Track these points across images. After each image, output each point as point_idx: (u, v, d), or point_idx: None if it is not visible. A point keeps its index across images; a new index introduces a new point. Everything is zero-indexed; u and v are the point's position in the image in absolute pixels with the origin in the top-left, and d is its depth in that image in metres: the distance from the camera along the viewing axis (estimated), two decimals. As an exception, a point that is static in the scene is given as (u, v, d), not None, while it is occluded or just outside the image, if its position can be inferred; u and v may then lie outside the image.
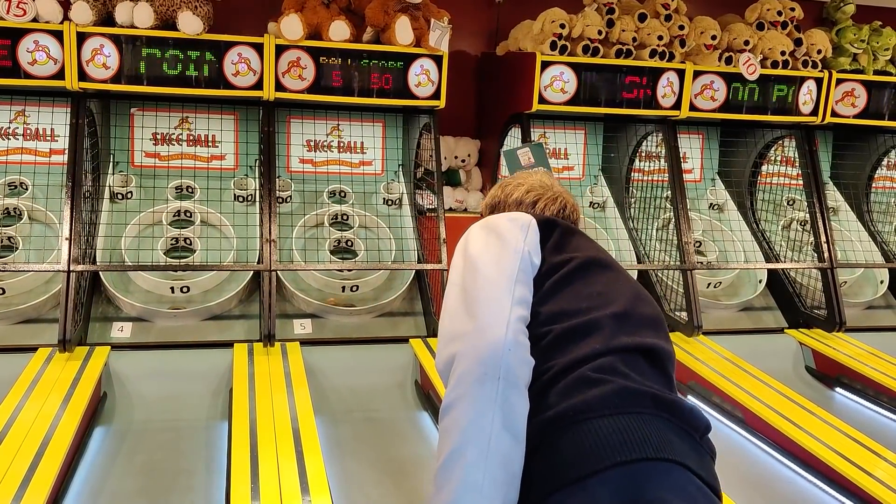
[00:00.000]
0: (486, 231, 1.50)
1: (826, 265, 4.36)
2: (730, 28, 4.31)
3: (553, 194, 1.73)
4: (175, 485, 2.67)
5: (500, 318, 1.30)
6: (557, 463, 1.21)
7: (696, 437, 1.30)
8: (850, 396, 3.75)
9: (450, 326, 1.36)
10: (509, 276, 1.37)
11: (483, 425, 1.19)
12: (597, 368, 1.28)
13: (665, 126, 4.35)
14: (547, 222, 1.53)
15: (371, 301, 3.90)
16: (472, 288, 1.37)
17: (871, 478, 2.69)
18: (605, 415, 1.22)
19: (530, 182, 1.75)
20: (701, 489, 1.21)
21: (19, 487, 2.26)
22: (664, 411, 1.26)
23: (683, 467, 1.21)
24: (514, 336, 1.28)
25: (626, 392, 1.25)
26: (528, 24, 4.21)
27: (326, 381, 3.46)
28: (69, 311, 3.28)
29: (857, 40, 4.55)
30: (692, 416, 1.30)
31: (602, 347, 1.31)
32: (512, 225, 1.49)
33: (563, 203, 1.73)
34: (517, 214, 1.54)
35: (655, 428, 1.23)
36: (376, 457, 2.95)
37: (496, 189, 1.81)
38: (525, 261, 1.42)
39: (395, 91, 3.82)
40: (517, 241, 1.45)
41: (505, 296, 1.34)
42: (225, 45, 3.58)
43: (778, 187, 4.84)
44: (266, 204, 3.71)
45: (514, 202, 1.73)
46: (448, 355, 1.31)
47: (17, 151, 3.89)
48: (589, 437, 1.20)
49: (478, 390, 1.22)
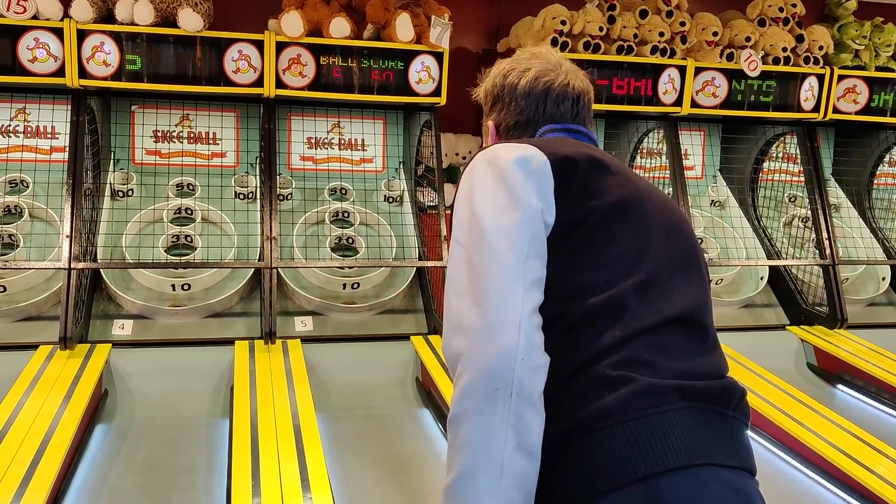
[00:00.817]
0: (493, 174, 1.29)
1: (827, 262, 4.35)
2: (731, 24, 4.30)
3: (564, 78, 1.53)
4: (176, 482, 2.67)
5: (512, 315, 1.15)
6: (575, 477, 1.13)
7: (728, 413, 1.21)
8: (852, 393, 3.75)
9: (455, 310, 1.20)
10: (521, 252, 1.20)
11: (494, 449, 1.09)
12: (616, 364, 1.17)
13: (666, 123, 4.34)
14: (565, 163, 1.30)
15: (372, 298, 3.90)
16: (480, 264, 1.20)
17: (872, 474, 2.68)
18: (625, 420, 1.13)
19: (537, 66, 1.53)
20: (730, 485, 1.14)
21: (20, 485, 2.26)
22: (691, 401, 1.17)
23: (711, 466, 1.14)
24: (526, 340, 1.14)
25: (648, 391, 1.15)
26: (528, 21, 4.20)
27: (327, 379, 3.46)
28: (70, 308, 3.28)
29: (859, 36, 4.54)
30: (724, 394, 1.21)
31: (623, 334, 1.19)
32: (523, 173, 1.27)
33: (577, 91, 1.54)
34: (528, 154, 1.30)
35: (680, 428, 1.14)
36: (377, 454, 2.95)
37: (496, 75, 1.59)
38: (537, 225, 1.23)
39: (396, 88, 3.82)
40: (529, 198, 1.24)
41: (517, 282, 1.17)
42: (225, 43, 3.58)
43: (779, 184, 4.83)
44: (267, 201, 3.71)
45: (523, 92, 1.52)
46: (454, 348, 1.18)
47: (18, 149, 3.89)
48: (606, 449, 1.12)
49: (487, 408, 1.11)
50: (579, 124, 1.54)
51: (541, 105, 1.52)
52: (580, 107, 1.55)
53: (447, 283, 1.27)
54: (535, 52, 1.59)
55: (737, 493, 1.15)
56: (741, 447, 1.22)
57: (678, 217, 1.39)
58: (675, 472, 1.11)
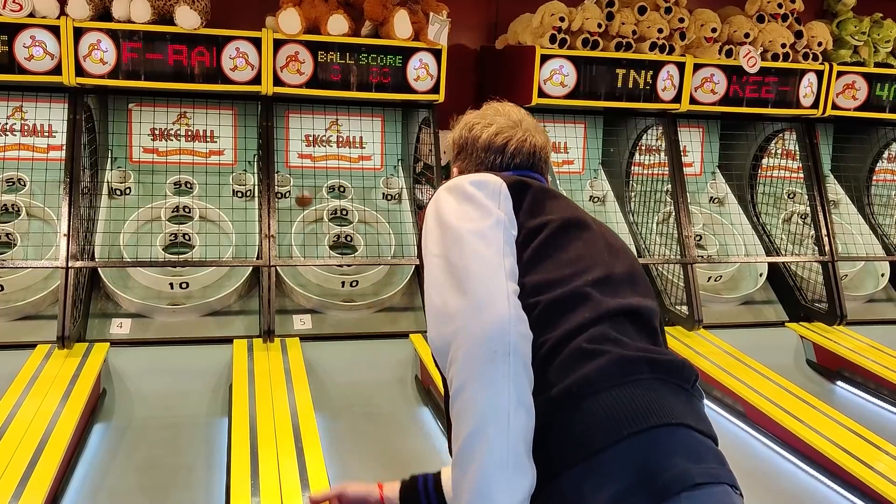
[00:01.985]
0: (458, 197, 1.43)
1: (827, 258, 4.35)
2: (730, 20, 4.29)
3: (522, 135, 1.64)
4: (175, 481, 2.66)
5: (500, 292, 1.26)
6: (567, 441, 1.22)
7: (688, 388, 1.33)
8: (851, 390, 3.75)
9: (440, 304, 1.31)
10: (497, 249, 1.34)
11: (500, 403, 1.19)
12: (590, 339, 1.28)
13: (665, 119, 4.33)
14: (517, 186, 1.46)
15: (371, 296, 3.89)
16: (459, 261, 1.31)
17: (872, 471, 2.68)
18: (607, 388, 1.24)
19: (499, 122, 1.65)
20: (703, 443, 1.26)
21: (19, 484, 2.26)
22: (660, 373, 1.29)
23: (685, 427, 1.25)
24: (515, 310, 1.26)
25: (622, 361, 1.27)
26: (527, 18, 4.19)
27: (326, 377, 3.45)
28: (68, 307, 3.27)
29: (858, 32, 4.54)
30: (683, 369, 1.33)
31: (592, 315, 1.31)
32: (484, 192, 1.42)
33: (533, 146, 1.65)
34: (484, 179, 1.46)
35: (655, 393, 1.26)
36: (376, 452, 2.94)
37: (462, 127, 1.71)
38: (507, 231, 1.38)
39: (394, 85, 3.81)
40: (494, 209, 1.40)
41: (497, 270, 1.30)
42: (223, 40, 3.57)
43: (778, 180, 4.83)
44: (265, 199, 3.70)
45: (483, 146, 1.64)
46: (444, 336, 1.27)
47: (15, 147, 3.88)
48: (595, 413, 1.22)
49: (489, 368, 1.20)
50: (535, 172, 1.67)
51: (498, 156, 1.64)
52: (536, 158, 1.66)
53: (427, 290, 1.37)
54: (499, 108, 1.70)
55: (711, 451, 1.27)
56: (704, 418, 1.33)
57: (620, 242, 1.54)
58: (657, 428, 1.22)
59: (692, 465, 1.20)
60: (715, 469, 1.23)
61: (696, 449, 1.24)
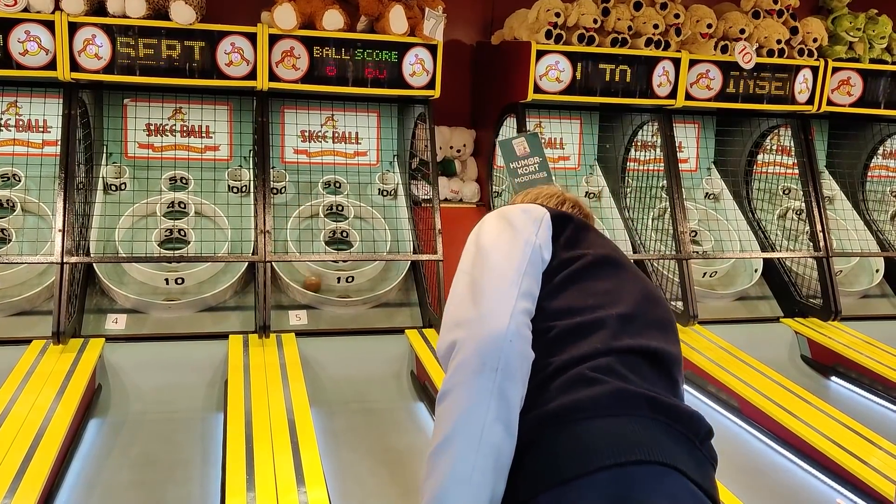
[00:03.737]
0: (499, 220, 1.49)
1: (821, 254, 4.36)
2: (725, 16, 4.29)
3: (562, 197, 1.73)
4: (170, 476, 2.67)
5: (505, 308, 1.29)
6: (548, 462, 1.19)
7: (695, 442, 1.24)
8: (846, 385, 3.76)
9: (454, 313, 1.34)
10: (517, 268, 1.36)
11: (477, 416, 1.19)
12: (595, 368, 1.26)
13: (661, 115, 4.33)
14: (561, 217, 1.51)
15: (367, 292, 3.90)
16: (479, 276, 1.36)
17: (866, 466, 2.70)
18: (598, 416, 1.20)
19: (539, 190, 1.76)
20: (694, 495, 1.16)
21: (13, 480, 2.26)
22: (661, 415, 1.23)
23: (677, 471, 1.16)
24: (516, 328, 1.27)
25: (620, 394, 1.23)
26: (523, 13, 4.19)
27: (322, 372, 3.45)
28: (63, 303, 3.26)
29: (853, 28, 4.54)
30: (691, 420, 1.26)
31: (603, 347, 1.29)
32: (525, 217, 1.47)
33: (575, 200, 1.74)
34: (531, 207, 1.52)
35: (649, 432, 1.19)
36: (372, 447, 2.95)
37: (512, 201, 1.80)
38: (535, 254, 1.40)
39: (390, 81, 3.80)
40: (529, 233, 1.43)
41: (511, 287, 1.33)
42: (218, 35, 3.56)
43: (774, 176, 4.84)
44: (260, 195, 3.69)
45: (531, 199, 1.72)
46: (449, 342, 1.29)
47: (10, 143, 3.87)
48: (580, 439, 1.18)
49: (475, 380, 1.21)
50: None
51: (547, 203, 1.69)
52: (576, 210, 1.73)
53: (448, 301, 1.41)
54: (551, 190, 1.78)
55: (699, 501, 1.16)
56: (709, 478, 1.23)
57: (657, 291, 1.52)
58: (640, 464, 1.14)
59: None
60: None
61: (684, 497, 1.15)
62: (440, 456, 1.18)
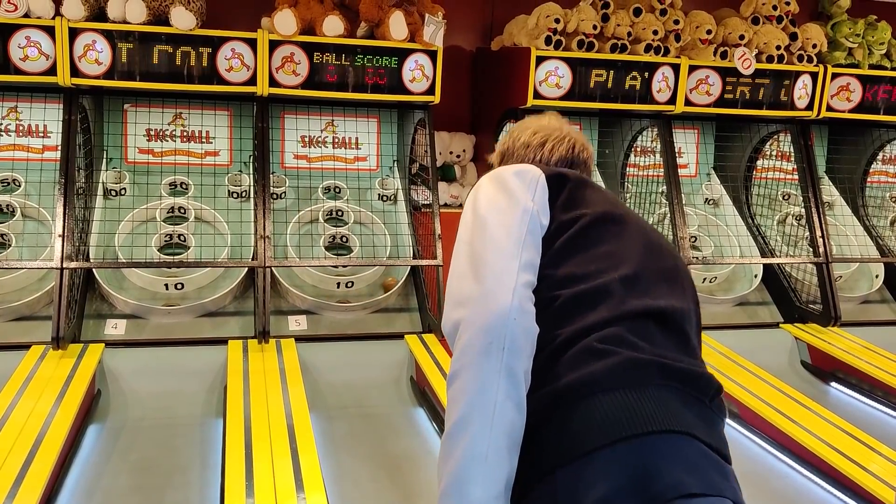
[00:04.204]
0: (494, 185, 1.46)
1: (821, 260, 4.36)
2: (725, 22, 4.30)
3: (561, 134, 1.67)
4: (169, 482, 2.66)
5: (507, 284, 1.28)
6: (565, 437, 1.21)
7: (705, 401, 1.29)
8: (845, 391, 3.76)
9: (457, 289, 1.34)
10: (517, 239, 1.34)
11: (488, 395, 1.20)
12: (603, 339, 1.27)
13: (660, 121, 4.34)
14: (557, 177, 1.47)
15: (366, 297, 3.89)
16: (480, 249, 1.34)
17: (865, 472, 2.69)
18: (612, 388, 1.22)
19: (538, 124, 1.70)
20: (707, 456, 1.22)
21: (13, 485, 2.25)
22: (672, 380, 1.26)
23: (690, 436, 1.21)
24: (519, 303, 1.26)
25: (632, 364, 1.24)
26: (522, 19, 4.20)
27: (321, 378, 3.45)
28: (62, 308, 3.26)
29: (853, 34, 4.55)
30: (700, 381, 1.30)
31: (610, 315, 1.29)
32: (520, 181, 1.44)
33: (572, 143, 1.67)
34: (525, 168, 1.48)
35: (662, 400, 1.23)
36: (371, 453, 2.94)
37: (506, 137, 1.76)
38: (534, 221, 1.38)
39: (390, 86, 3.81)
40: (525, 199, 1.40)
41: (512, 260, 1.31)
42: (218, 41, 3.57)
43: (773, 182, 4.84)
44: (260, 200, 3.70)
45: (522, 145, 1.68)
46: (454, 320, 1.30)
47: (10, 148, 3.87)
48: (596, 413, 1.20)
49: (482, 360, 1.22)
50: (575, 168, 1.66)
51: (537, 153, 1.66)
52: (575, 154, 1.67)
53: (450, 274, 1.39)
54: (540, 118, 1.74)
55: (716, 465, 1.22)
56: (717, 433, 1.29)
57: (660, 239, 1.51)
58: (657, 434, 1.19)
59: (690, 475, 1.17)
60: (716, 481, 1.19)
61: (698, 461, 1.20)
62: (455, 438, 1.19)
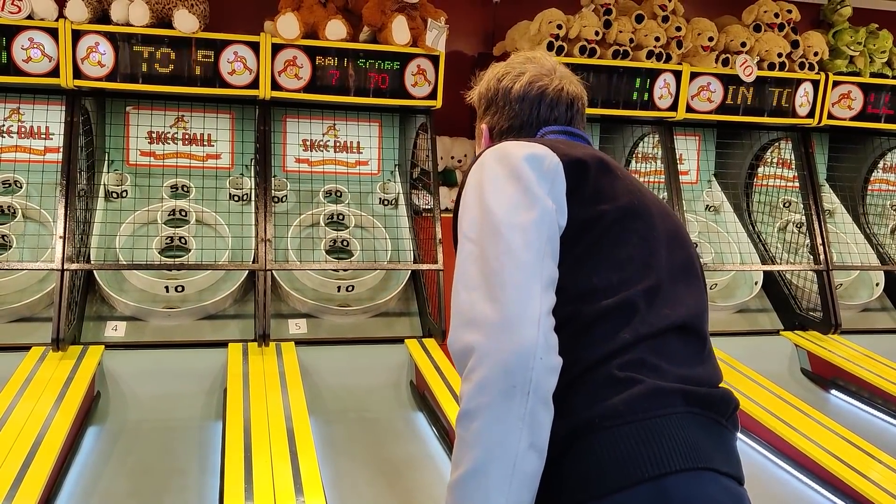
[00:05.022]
0: (505, 171, 1.28)
1: (822, 267, 4.36)
2: (727, 30, 4.31)
3: (558, 83, 1.54)
4: (168, 485, 2.66)
5: (530, 312, 1.13)
6: (582, 475, 1.15)
7: (723, 423, 1.26)
8: (846, 399, 3.75)
9: (468, 305, 1.17)
10: (538, 250, 1.19)
11: (509, 445, 1.09)
12: (624, 366, 1.19)
13: (661, 127, 4.35)
14: (576, 165, 1.30)
15: (366, 301, 3.89)
16: (494, 260, 1.18)
17: (865, 480, 2.69)
18: (633, 421, 1.15)
19: (531, 70, 1.54)
20: (728, 491, 1.19)
21: (11, 487, 2.25)
22: (695, 406, 1.21)
23: (711, 471, 1.17)
24: (545, 339, 1.13)
25: (655, 394, 1.18)
26: (524, 25, 4.21)
27: (321, 381, 3.45)
28: (63, 309, 3.26)
29: (854, 42, 4.56)
30: (721, 403, 1.26)
31: (631, 337, 1.21)
32: (535, 171, 1.26)
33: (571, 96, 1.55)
34: (539, 152, 1.30)
35: (684, 433, 1.17)
36: (371, 457, 2.94)
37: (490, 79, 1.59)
38: (552, 226, 1.23)
39: (392, 91, 3.81)
40: (544, 197, 1.24)
41: (534, 281, 1.16)
42: (221, 44, 3.57)
43: (774, 189, 4.84)
44: (261, 203, 3.70)
45: (517, 97, 1.53)
46: (465, 343, 1.16)
47: (12, 149, 3.87)
48: (617, 449, 1.14)
49: (504, 404, 1.10)
50: (575, 127, 1.56)
51: (535, 109, 1.53)
52: (574, 111, 1.56)
53: (456, 278, 1.24)
54: (530, 56, 1.60)
55: (733, 497, 1.19)
56: (733, 456, 1.26)
57: (678, 224, 1.42)
58: (678, 473, 1.14)
59: None
60: None
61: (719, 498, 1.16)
62: (468, 489, 1.10)
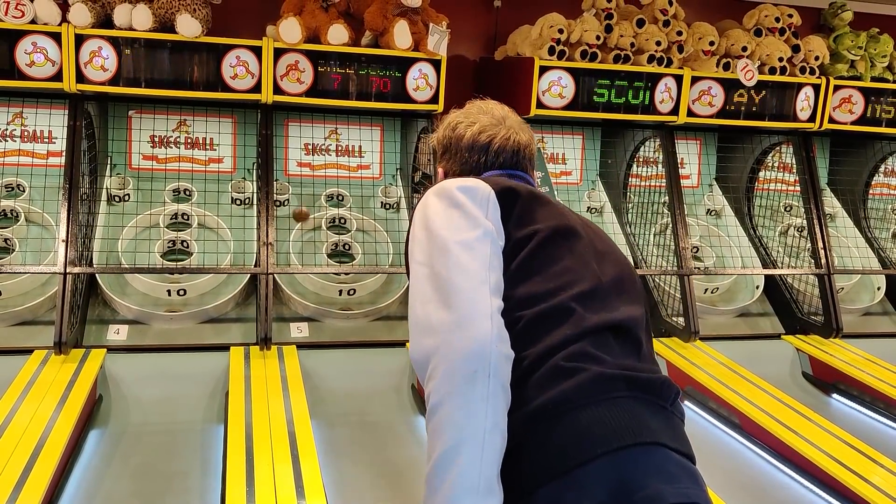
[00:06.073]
0: (446, 203, 1.42)
1: (823, 271, 4.36)
2: (728, 34, 4.32)
3: (506, 133, 1.65)
4: (170, 488, 2.66)
5: (483, 310, 1.26)
6: (543, 457, 1.23)
7: (667, 407, 1.34)
8: (847, 402, 3.75)
9: (423, 315, 1.30)
10: (483, 262, 1.32)
11: (476, 424, 1.18)
12: (569, 356, 1.29)
13: (663, 131, 4.35)
14: (506, 193, 1.45)
15: (368, 304, 3.90)
16: (445, 273, 1.31)
17: (867, 484, 2.69)
18: (583, 405, 1.25)
19: (482, 121, 1.66)
20: (679, 464, 1.27)
21: (13, 490, 2.25)
22: (637, 390, 1.30)
23: (661, 446, 1.26)
24: (498, 330, 1.25)
25: (600, 379, 1.28)
26: (526, 29, 4.22)
27: (323, 385, 3.45)
28: (65, 313, 3.27)
29: (855, 47, 4.57)
30: (662, 388, 1.34)
31: (572, 333, 1.31)
32: (472, 200, 1.41)
33: (517, 143, 1.65)
34: (472, 185, 1.44)
35: (632, 412, 1.27)
36: (372, 460, 2.94)
37: (445, 126, 1.72)
38: (494, 243, 1.37)
39: (394, 95, 3.82)
40: (483, 219, 1.38)
41: (482, 285, 1.29)
42: (223, 48, 3.58)
43: (775, 193, 4.84)
44: (263, 207, 3.70)
45: (467, 145, 1.65)
46: (425, 348, 1.27)
47: (15, 153, 3.88)
48: (571, 430, 1.23)
49: (468, 388, 1.20)
50: (519, 170, 1.67)
51: (482, 156, 1.65)
52: (520, 157, 1.67)
53: (411, 298, 1.37)
54: (483, 105, 1.71)
55: (685, 470, 1.28)
56: (682, 436, 1.35)
57: (610, 246, 1.54)
58: (631, 447, 1.23)
59: (666, 486, 1.21)
60: (689, 489, 1.24)
61: (671, 469, 1.25)
62: (443, 470, 1.17)
